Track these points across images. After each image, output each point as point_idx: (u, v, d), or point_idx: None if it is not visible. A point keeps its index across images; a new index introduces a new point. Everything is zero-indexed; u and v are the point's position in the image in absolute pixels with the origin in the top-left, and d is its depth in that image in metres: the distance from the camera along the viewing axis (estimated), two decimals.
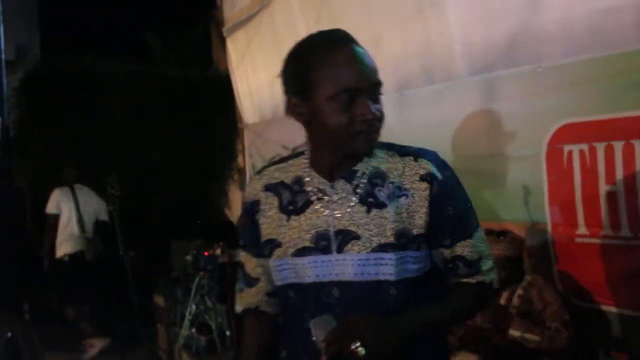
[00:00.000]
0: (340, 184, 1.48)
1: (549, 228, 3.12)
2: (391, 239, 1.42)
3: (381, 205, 1.45)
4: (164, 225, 6.70)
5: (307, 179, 1.50)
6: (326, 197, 1.47)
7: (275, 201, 1.52)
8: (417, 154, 1.52)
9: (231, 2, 6.15)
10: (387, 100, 4.24)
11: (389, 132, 4.28)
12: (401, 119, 3.94)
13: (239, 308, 1.65)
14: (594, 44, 2.82)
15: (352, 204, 1.46)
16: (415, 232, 1.44)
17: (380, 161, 1.50)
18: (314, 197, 1.48)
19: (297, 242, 1.46)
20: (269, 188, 1.53)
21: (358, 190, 1.46)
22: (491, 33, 3.26)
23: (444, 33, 3.53)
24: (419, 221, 1.44)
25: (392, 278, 1.42)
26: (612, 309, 2.88)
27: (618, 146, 2.75)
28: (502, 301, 2.94)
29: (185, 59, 9.67)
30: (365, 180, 1.47)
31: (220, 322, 4.00)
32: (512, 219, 3.29)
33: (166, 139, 7.15)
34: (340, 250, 1.43)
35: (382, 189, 1.46)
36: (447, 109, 3.59)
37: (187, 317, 4.07)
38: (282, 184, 1.52)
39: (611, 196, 2.80)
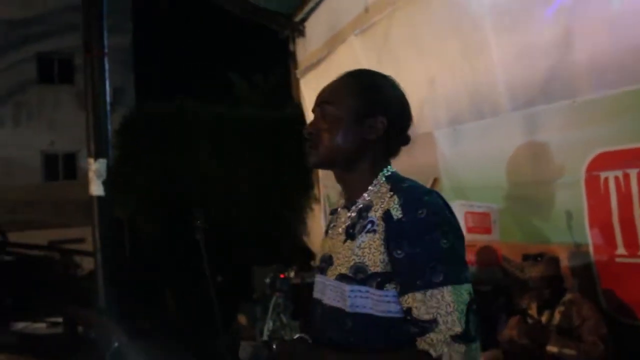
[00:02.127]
0: (343, 212, 1.53)
1: (591, 249, 3.33)
2: (347, 272, 1.41)
3: (353, 238, 1.44)
4: (248, 252, 7.21)
5: (340, 206, 1.59)
6: (334, 224, 1.57)
7: (328, 223, 1.65)
8: (398, 190, 1.41)
9: (303, 46, 6.69)
10: (442, 134, 4.64)
11: (445, 163, 4.64)
12: (455, 152, 4.28)
13: None
14: (623, 79, 3.06)
15: (340, 232, 1.50)
16: (372, 269, 1.37)
17: (376, 194, 1.45)
18: (332, 223, 1.59)
19: (317, 261, 1.59)
20: (332, 212, 1.65)
21: (347, 221, 1.49)
22: (530, 71, 3.56)
23: (489, 72, 3.85)
24: (376, 259, 1.37)
25: (347, 309, 1.40)
26: None
27: None
28: (544, 319, 3.18)
29: (267, 98, 10.23)
30: (355, 212, 1.47)
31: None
32: (556, 242, 3.52)
33: (249, 173, 7.70)
34: (326, 273, 1.50)
35: (362, 222, 1.44)
36: (495, 142, 3.89)
37: (265, 332, 4.50)
38: (336, 209, 1.62)
39: None
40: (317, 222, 7.38)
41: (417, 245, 1.33)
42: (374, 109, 1.47)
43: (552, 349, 2.98)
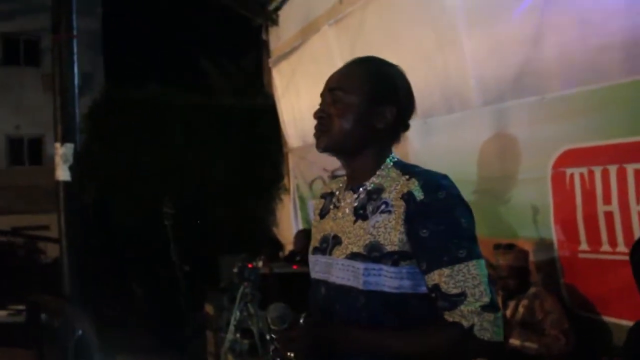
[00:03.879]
0: (349, 194, 1.56)
1: (555, 244, 3.40)
2: (361, 250, 1.45)
3: (364, 218, 1.48)
4: (217, 241, 7.18)
5: (339, 189, 1.63)
6: (337, 205, 1.59)
7: (320, 206, 1.69)
8: (414, 174, 1.46)
9: (276, 35, 6.66)
10: (414, 127, 4.65)
11: (416, 155, 4.65)
12: (425, 144, 4.31)
13: None
14: (592, 76, 3.11)
15: (347, 212, 1.54)
16: (389, 248, 1.42)
17: (387, 178, 1.50)
18: (331, 205, 1.62)
19: (315, 242, 1.63)
20: (323, 196, 1.70)
21: (355, 202, 1.53)
22: (501, 66, 3.59)
23: (460, 66, 3.88)
24: (393, 238, 1.42)
25: (359, 287, 1.44)
26: (613, 320, 3.13)
27: (612, 170, 3.03)
28: (508, 312, 3.23)
29: (238, 87, 10.19)
30: (364, 194, 1.52)
31: (261, 327, 4.38)
32: (522, 236, 3.58)
33: (218, 162, 7.66)
34: (331, 253, 1.54)
35: (373, 203, 1.48)
36: (464, 136, 3.93)
37: (232, 322, 4.47)
38: (330, 193, 1.67)
39: (608, 215, 3.07)
40: (286, 213, 7.37)
41: (441, 224, 1.39)
42: (386, 98, 1.52)
43: (514, 342, 3.04)
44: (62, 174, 4.90)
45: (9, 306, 6.04)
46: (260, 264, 4.56)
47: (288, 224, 7.11)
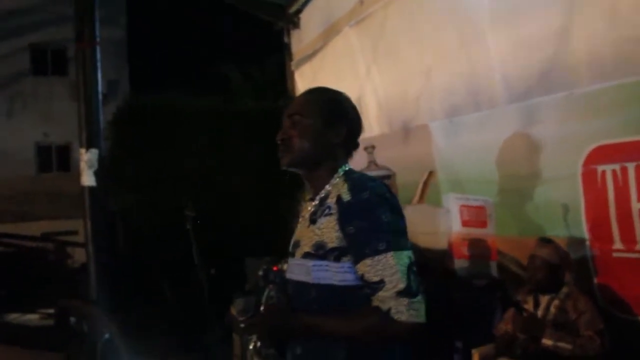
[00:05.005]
0: (309, 204, 1.81)
1: (588, 243, 3.30)
2: (311, 249, 1.69)
3: (314, 222, 1.72)
4: (242, 245, 7.18)
5: (306, 201, 1.87)
6: (302, 214, 1.84)
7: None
8: (349, 179, 1.71)
9: (298, 38, 6.64)
10: (438, 127, 4.59)
11: (441, 155, 4.59)
12: (451, 143, 4.24)
13: None
14: (622, 70, 3.02)
15: (305, 218, 1.78)
16: (330, 245, 1.65)
17: (335, 186, 1.73)
18: (301, 215, 1.86)
19: (289, 247, 1.85)
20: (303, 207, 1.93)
21: (310, 209, 1.78)
22: (527, 62, 3.51)
23: (486, 63, 3.81)
24: (332, 236, 1.65)
25: (310, 281, 1.67)
26: None
27: None
28: (540, 311, 3.15)
29: (261, 91, 10.20)
30: (317, 201, 1.76)
31: None
32: (552, 235, 3.48)
33: (244, 165, 7.67)
34: (294, 255, 1.79)
35: (321, 208, 1.72)
36: (491, 134, 3.85)
37: None
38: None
39: None
40: None
41: (363, 220, 1.62)
42: (338, 117, 1.79)
43: (547, 342, 2.95)
44: (88, 179, 4.96)
45: (39, 310, 6.13)
46: (285, 266, 4.53)
47: None
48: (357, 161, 1.90)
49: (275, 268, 4.77)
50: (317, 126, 1.76)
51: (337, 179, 1.74)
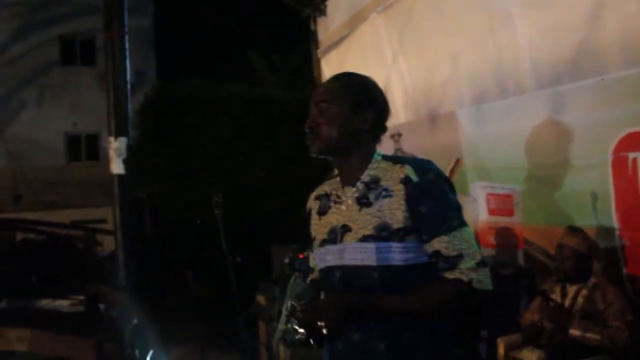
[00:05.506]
0: (348, 189, 1.80)
1: (617, 233, 3.24)
2: (372, 232, 1.69)
3: (369, 205, 1.73)
4: (269, 232, 7.22)
5: (335, 189, 1.86)
6: (339, 200, 1.82)
7: (317, 206, 1.91)
8: (405, 161, 1.73)
9: (324, 25, 6.60)
10: (465, 114, 4.53)
11: (469, 143, 4.54)
12: (478, 132, 4.20)
13: None
14: None
15: (350, 203, 1.77)
16: (395, 226, 1.67)
17: (380, 169, 1.76)
18: (332, 202, 1.85)
19: (321, 236, 1.84)
20: (317, 197, 1.93)
21: (356, 194, 1.77)
22: (557, 47, 3.45)
23: (514, 49, 3.75)
24: (398, 217, 1.67)
25: (373, 264, 1.68)
26: None
27: None
28: (567, 301, 3.11)
29: (287, 79, 10.20)
30: (363, 185, 1.77)
31: None
32: (581, 224, 3.43)
33: (270, 153, 7.70)
34: (341, 240, 1.76)
35: (374, 191, 1.74)
36: (519, 122, 3.79)
37: (284, 313, 4.49)
38: (325, 194, 1.90)
39: None
40: None
41: (434, 199, 1.68)
42: (365, 103, 1.79)
43: (574, 332, 2.92)
44: (117, 167, 5.03)
45: (69, 296, 6.25)
46: (311, 254, 4.55)
47: None
48: (384, 148, 1.89)
49: (301, 255, 4.79)
50: (344, 113, 1.76)
51: (377, 164, 1.77)
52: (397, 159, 1.77)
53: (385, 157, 1.80)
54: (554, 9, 3.44)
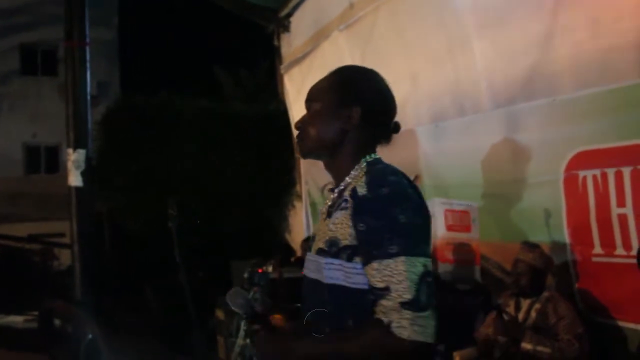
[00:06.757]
0: (330, 194, 1.65)
1: (568, 248, 3.34)
2: (324, 246, 1.52)
3: (330, 215, 1.56)
4: (230, 247, 7.17)
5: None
6: (322, 208, 1.69)
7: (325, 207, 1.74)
8: (369, 171, 1.54)
9: (288, 42, 6.66)
10: (424, 131, 4.60)
11: (427, 159, 4.61)
12: (436, 149, 4.28)
13: None
14: (604, 78, 3.07)
15: (323, 212, 1.64)
16: (343, 242, 1.47)
17: (354, 178, 1.55)
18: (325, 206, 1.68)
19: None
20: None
21: (330, 202, 1.61)
22: (511, 69, 3.56)
23: (471, 69, 3.85)
24: (346, 232, 1.46)
25: (323, 280, 1.50)
26: (629, 325, 3.07)
27: (626, 171, 2.98)
28: (521, 315, 3.18)
29: (251, 94, 10.19)
30: (336, 194, 1.59)
31: None
32: (536, 240, 3.52)
33: (232, 168, 7.67)
34: (311, 250, 1.63)
35: (338, 201, 1.55)
36: (475, 139, 3.89)
37: (242, 328, 4.46)
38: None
39: (622, 218, 3.02)
40: (298, 219, 7.35)
41: (376, 219, 1.42)
42: (348, 100, 1.59)
43: (526, 346, 2.98)
44: (74, 179, 4.93)
45: (23, 312, 6.10)
46: (270, 269, 4.55)
47: (300, 230, 7.10)
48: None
49: (260, 270, 4.78)
50: (325, 111, 1.59)
51: (358, 170, 1.55)
52: (369, 168, 1.55)
53: (369, 163, 1.57)
54: (509, 32, 3.55)
